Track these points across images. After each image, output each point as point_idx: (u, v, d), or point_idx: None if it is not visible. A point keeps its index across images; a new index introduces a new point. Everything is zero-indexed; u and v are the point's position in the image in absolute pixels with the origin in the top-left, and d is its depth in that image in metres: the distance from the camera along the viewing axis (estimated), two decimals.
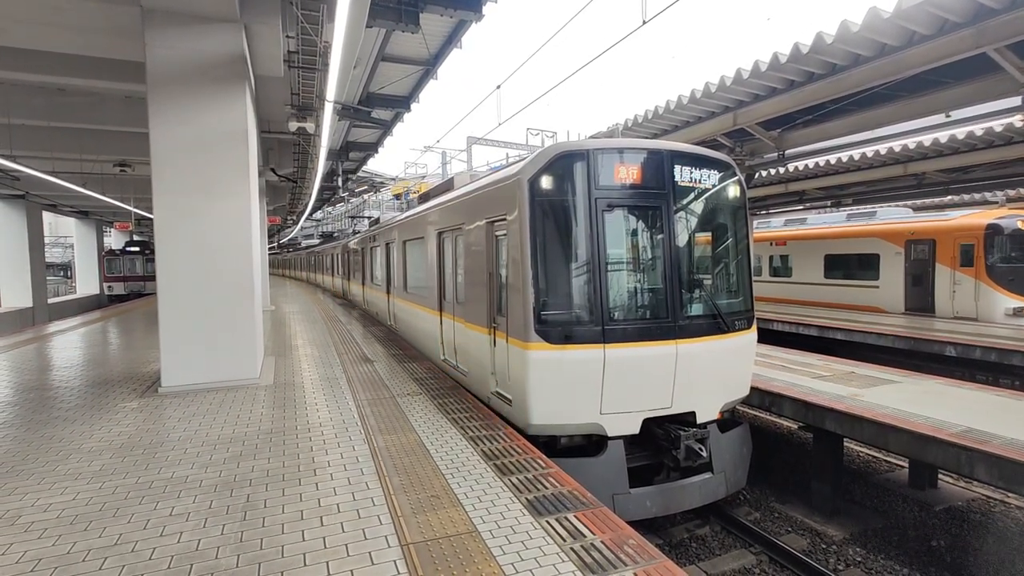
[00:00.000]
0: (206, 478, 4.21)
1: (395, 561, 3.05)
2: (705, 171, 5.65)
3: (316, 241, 42.88)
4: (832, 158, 12.17)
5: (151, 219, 7.01)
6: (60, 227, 52.79)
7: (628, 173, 5.30)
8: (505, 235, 5.60)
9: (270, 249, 53.76)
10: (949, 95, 7.96)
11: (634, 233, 5.46)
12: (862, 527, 6.55)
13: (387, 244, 12.63)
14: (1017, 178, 13.08)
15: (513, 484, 4.07)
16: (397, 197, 31.40)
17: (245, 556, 3.11)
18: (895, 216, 15.98)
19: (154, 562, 3.06)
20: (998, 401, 6.69)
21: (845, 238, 16.05)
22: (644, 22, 6.35)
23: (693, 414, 5.55)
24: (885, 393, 7.08)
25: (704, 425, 5.59)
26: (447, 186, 9.06)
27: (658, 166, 5.42)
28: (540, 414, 5.15)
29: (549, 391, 5.09)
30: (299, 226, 42.05)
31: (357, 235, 19.38)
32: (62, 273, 56.52)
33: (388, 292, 12.69)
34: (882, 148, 11.41)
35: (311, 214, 38.66)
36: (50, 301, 27.56)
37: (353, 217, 32.27)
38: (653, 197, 5.39)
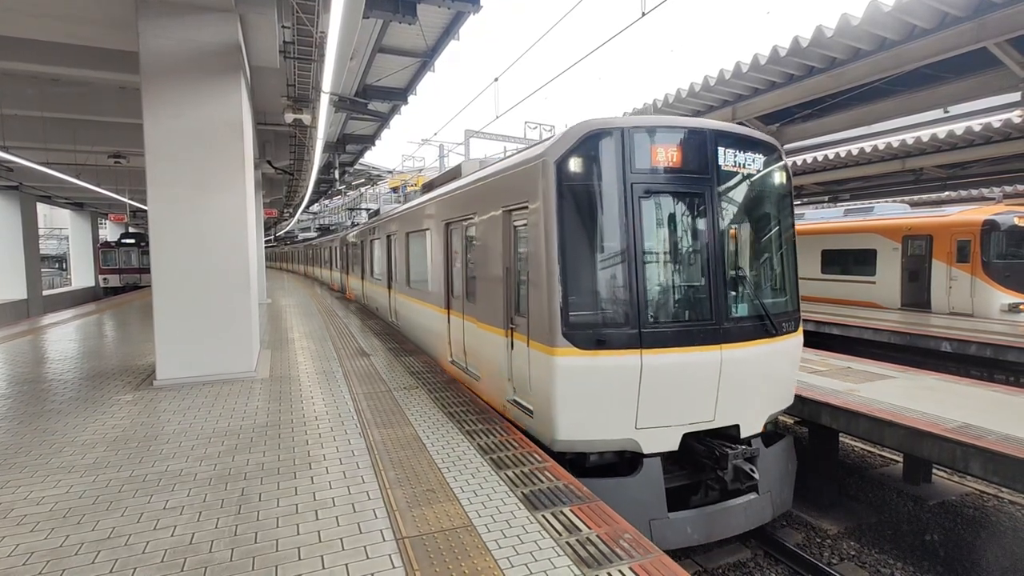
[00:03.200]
0: (200, 471, 4.19)
1: (390, 555, 3.04)
2: (751, 154, 5.03)
3: (313, 234, 42.72)
4: (830, 153, 12.16)
5: (146, 211, 6.94)
6: (55, 219, 52.47)
7: (667, 155, 4.69)
8: (526, 225, 5.03)
9: (267, 242, 53.76)
10: (948, 90, 7.94)
11: (674, 223, 4.82)
12: (856, 521, 6.58)
13: (388, 237, 12.11)
14: (1014, 174, 13.10)
15: (509, 478, 4.07)
16: (394, 190, 31.26)
17: (239, 550, 3.10)
18: (892, 212, 15.98)
19: (147, 556, 3.04)
20: (993, 397, 6.71)
21: (842, 233, 16.05)
22: (643, 14, 6.30)
23: (737, 427, 4.97)
24: (881, 388, 7.10)
25: (749, 440, 5.04)
26: (454, 174, 8.42)
27: (700, 147, 4.79)
28: (567, 428, 4.58)
29: (578, 403, 4.52)
30: (296, 219, 41.89)
31: (356, 227, 18.84)
32: (57, 265, 56.23)
33: (389, 287, 12.23)
34: (880, 143, 11.39)
35: (308, 207, 38.52)
36: (45, 293, 27.41)
37: (352, 209, 32.08)
38: (695, 182, 4.77)
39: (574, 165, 4.57)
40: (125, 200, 22.46)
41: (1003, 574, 5.66)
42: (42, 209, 32.08)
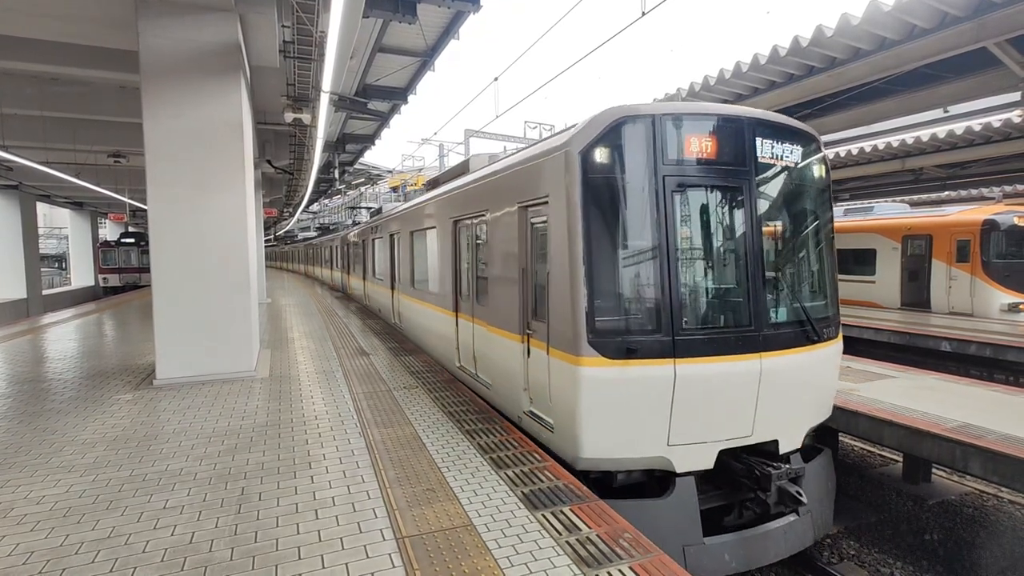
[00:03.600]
0: (200, 471, 4.19)
1: (390, 555, 3.04)
2: (789, 144, 4.66)
3: (313, 234, 42.67)
4: (830, 153, 12.17)
5: (146, 210, 6.94)
6: (55, 218, 52.46)
7: (702, 145, 4.31)
8: (545, 222, 4.66)
9: (266, 241, 53.75)
10: (948, 90, 7.94)
11: (710, 220, 4.45)
12: (856, 521, 6.59)
13: (391, 236, 11.73)
14: (1014, 174, 13.11)
15: (509, 478, 4.07)
16: (394, 190, 31.27)
17: (239, 549, 3.10)
18: (892, 212, 15.99)
19: (147, 555, 3.04)
20: (993, 396, 6.72)
21: (842, 233, 16.06)
22: (643, 14, 6.30)
23: (775, 443, 4.59)
24: (881, 388, 7.10)
25: (788, 456, 4.67)
26: (461, 169, 8.02)
27: (737, 137, 4.42)
28: (593, 445, 4.19)
29: (605, 418, 4.15)
30: (295, 218, 41.89)
31: (357, 226, 18.61)
32: (57, 265, 56.22)
33: (393, 288, 11.83)
34: (880, 143, 11.40)
35: (308, 206, 38.53)
36: (44, 293, 27.42)
37: (352, 208, 31.99)
38: (732, 175, 4.39)
39: (600, 156, 4.17)
40: (125, 199, 22.45)
41: (1002, 574, 5.66)
42: (42, 208, 32.07)
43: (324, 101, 9.23)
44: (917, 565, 5.77)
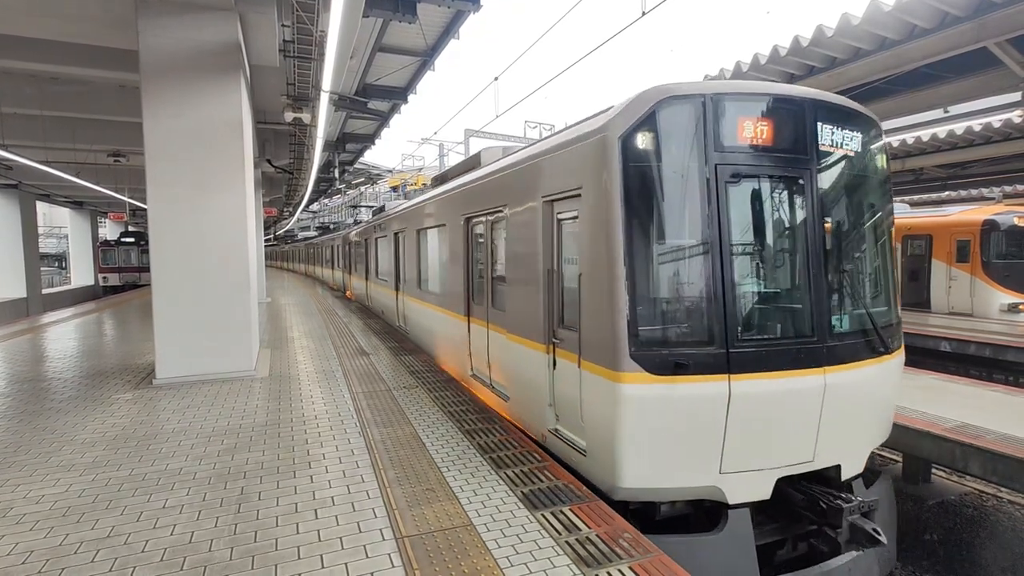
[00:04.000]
0: (200, 470, 4.19)
1: (390, 554, 3.04)
2: (852, 130, 4.16)
3: (313, 233, 42.66)
4: None
5: (146, 209, 6.94)
6: (54, 217, 52.46)
7: (758, 129, 3.80)
8: (576, 218, 4.20)
9: (266, 241, 53.76)
10: (949, 90, 7.94)
11: (767, 215, 3.94)
12: None
13: (396, 234, 11.16)
14: (1014, 174, 13.11)
15: (509, 477, 4.06)
16: (394, 189, 31.28)
17: (239, 549, 3.10)
18: None
19: (147, 555, 3.04)
20: (992, 396, 6.72)
21: None
22: (643, 13, 6.29)
23: (838, 468, 4.09)
24: None
25: (848, 483, 4.20)
26: (472, 163, 7.53)
27: (798, 121, 3.92)
28: (635, 473, 3.69)
29: (649, 442, 3.66)
30: (295, 218, 41.90)
31: (359, 225, 18.18)
32: (56, 264, 56.21)
33: (397, 289, 11.25)
34: None
35: (307, 206, 38.53)
36: (44, 292, 27.42)
37: (354, 206, 31.90)
38: (792, 164, 3.89)
39: (644, 141, 3.68)
40: (125, 199, 22.45)
41: (1002, 573, 5.66)
42: (41, 207, 32.10)
43: (324, 100, 9.22)
44: (917, 565, 5.77)
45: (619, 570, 2.90)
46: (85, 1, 6.96)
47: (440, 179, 9.28)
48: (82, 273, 34.41)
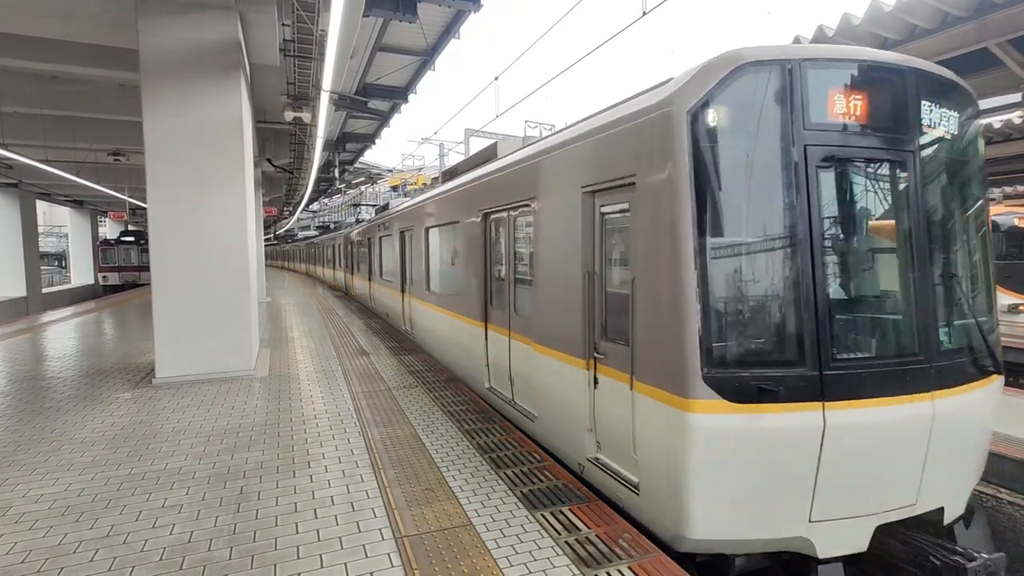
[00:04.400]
0: (199, 470, 4.19)
1: (389, 554, 3.03)
2: (954, 107, 3.52)
3: (314, 233, 42.63)
4: None
5: (146, 209, 6.94)
6: (54, 216, 52.47)
7: (853, 105, 3.16)
8: (627, 212, 3.63)
9: (266, 240, 53.77)
10: None
11: (865, 208, 3.30)
12: None
13: (402, 232, 10.53)
14: (1014, 174, 13.10)
15: (508, 477, 4.06)
16: (394, 189, 31.28)
17: (238, 548, 3.09)
18: None
19: (146, 554, 3.03)
20: None
21: None
22: (644, 13, 6.29)
23: (940, 511, 3.44)
24: None
25: (951, 527, 3.60)
26: (487, 154, 7.00)
27: (899, 94, 3.27)
28: (707, 521, 3.06)
29: (725, 483, 3.04)
30: (295, 217, 41.92)
31: (362, 223, 17.61)
32: (56, 263, 56.22)
33: (403, 291, 10.64)
34: None
35: (307, 205, 38.55)
36: (44, 291, 27.43)
37: (356, 205, 31.79)
38: (893, 146, 3.25)
39: (718, 117, 3.05)
40: (125, 198, 22.47)
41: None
42: (41, 207, 32.09)
43: (324, 100, 9.22)
44: None
45: (619, 570, 2.90)
46: (86, 0, 6.96)
47: (450, 173, 8.74)
48: (82, 272, 34.43)
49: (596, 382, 3.97)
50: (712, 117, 3.05)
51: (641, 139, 3.39)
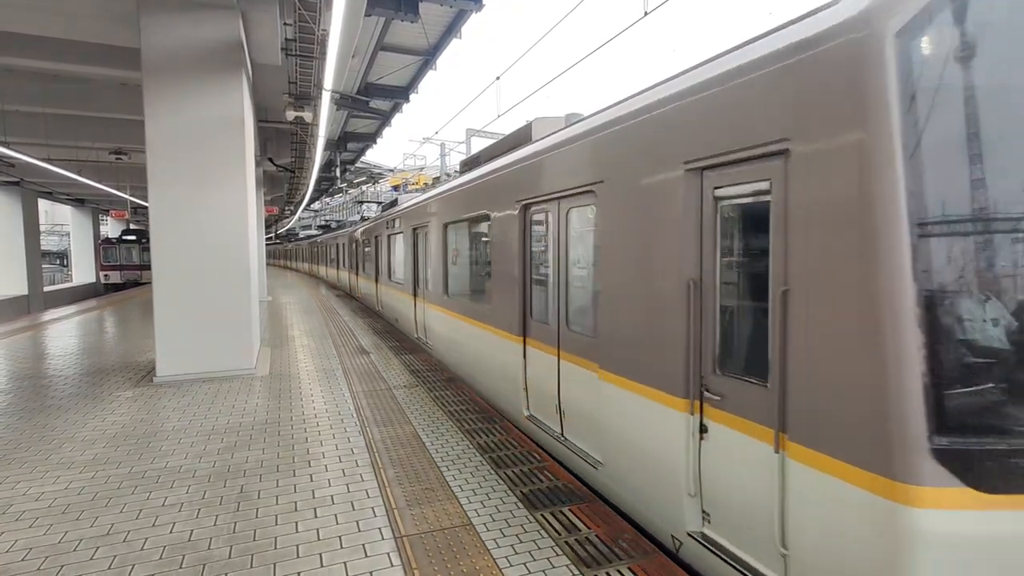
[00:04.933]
0: (200, 468, 4.19)
1: (388, 554, 3.03)
2: None
3: (315, 231, 42.61)
4: None
5: (147, 207, 6.95)
6: (56, 215, 52.55)
7: None
8: (767, 195, 2.58)
9: (268, 239, 53.81)
10: None
11: None
12: None
13: (415, 230, 9.48)
14: None
15: (508, 477, 4.06)
16: (395, 188, 31.30)
17: (238, 547, 3.09)
18: None
19: (146, 552, 3.04)
20: None
21: None
22: (646, 13, 6.28)
23: None
24: None
25: None
26: (521, 137, 5.93)
27: None
28: None
29: None
30: (297, 216, 41.95)
31: (367, 221, 16.67)
32: (58, 261, 56.32)
33: (416, 295, 9.66)
34: None
35: (309, 204, 38.58)
36: (46, 289, 27.48)
37: (360, 202, 31.58)
38: None
39: (940, 42, 2.02)
40: (126, 196, 22.50)
41: None
42: (43, 205, 32.10)
43: (326, 99, 9.23)
44: None
45: (619, 570, 2.90)
46: None
47: (471, 163, 7.68)
48: (83, 271, 34.48)
49: (704, 430, 2.97)
50: (930, 43, 2.01)
51: (803, 84, 2.33)
